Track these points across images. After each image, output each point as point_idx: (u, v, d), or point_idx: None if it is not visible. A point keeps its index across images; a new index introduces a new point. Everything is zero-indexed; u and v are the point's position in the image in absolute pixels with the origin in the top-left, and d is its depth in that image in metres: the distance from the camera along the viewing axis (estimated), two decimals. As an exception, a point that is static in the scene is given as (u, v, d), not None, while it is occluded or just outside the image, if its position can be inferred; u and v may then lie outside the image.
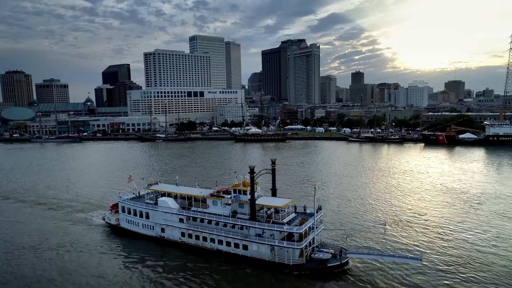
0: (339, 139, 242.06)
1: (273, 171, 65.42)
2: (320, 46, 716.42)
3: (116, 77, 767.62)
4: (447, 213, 79.43)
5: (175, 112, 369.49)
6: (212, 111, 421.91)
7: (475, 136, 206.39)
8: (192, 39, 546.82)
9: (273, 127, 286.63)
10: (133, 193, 77.06)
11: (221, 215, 61.61)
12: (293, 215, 61.11)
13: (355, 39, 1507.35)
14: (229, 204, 62.09)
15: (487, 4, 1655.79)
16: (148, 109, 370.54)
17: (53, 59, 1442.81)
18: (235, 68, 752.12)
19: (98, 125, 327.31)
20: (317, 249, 58.09)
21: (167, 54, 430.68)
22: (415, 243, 63.52)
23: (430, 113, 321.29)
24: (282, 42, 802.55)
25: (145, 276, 55.01)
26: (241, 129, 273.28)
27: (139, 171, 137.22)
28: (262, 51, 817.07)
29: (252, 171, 58.24)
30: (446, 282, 50.68)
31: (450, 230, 69.47)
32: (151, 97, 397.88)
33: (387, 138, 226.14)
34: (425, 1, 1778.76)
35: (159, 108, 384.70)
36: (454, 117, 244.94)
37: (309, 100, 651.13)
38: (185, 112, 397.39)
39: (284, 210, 59.40)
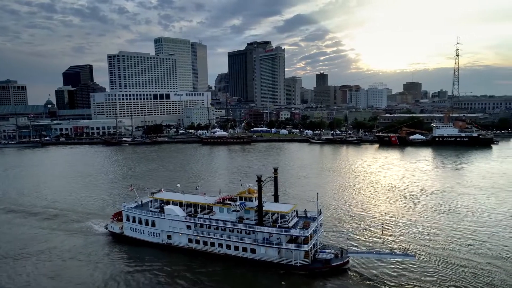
0: (302, 141, 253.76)
1: (275, 179, 69.80)
2: (286, 47, 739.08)
3: (78, 78, 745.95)
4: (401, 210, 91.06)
5: (141, 115, 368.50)
6: (179, 113, 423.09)
7: (424, 137, 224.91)
8: (158, 41, 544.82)
9: (239, 130, 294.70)
10: (136, 202, 78.61)
11: (228, 221, 65.16)
12: (296, 219, 65.85)
13: (320, 40, 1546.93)
14: (237, 211, 65.23)
15: (450, 7, 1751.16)
16: (113, 112, 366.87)
17: (8, 58, 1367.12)
18: (201, 69, 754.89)
19: (61, 129, 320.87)
20: (319, 250, 63.00)
21: (131, 56, 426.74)
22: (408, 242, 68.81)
23: (386, 115, 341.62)
24: (248, 44, 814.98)
25: (156, 280, 58.20)
26: (207, 132, 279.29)
27: (110, 176, 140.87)
28: (228, 52, 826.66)
29: (259, 180, 62.53)
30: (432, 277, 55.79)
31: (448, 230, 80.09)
32: (115, 99, 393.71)
33: (345, 140, 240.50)
34: (387, 4, 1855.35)
35: (124, 111, 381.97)
36: (406, 119, 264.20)
37: (275, 101, 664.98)
38: (151, 114, 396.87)
39: (289, 215, 63.89)
